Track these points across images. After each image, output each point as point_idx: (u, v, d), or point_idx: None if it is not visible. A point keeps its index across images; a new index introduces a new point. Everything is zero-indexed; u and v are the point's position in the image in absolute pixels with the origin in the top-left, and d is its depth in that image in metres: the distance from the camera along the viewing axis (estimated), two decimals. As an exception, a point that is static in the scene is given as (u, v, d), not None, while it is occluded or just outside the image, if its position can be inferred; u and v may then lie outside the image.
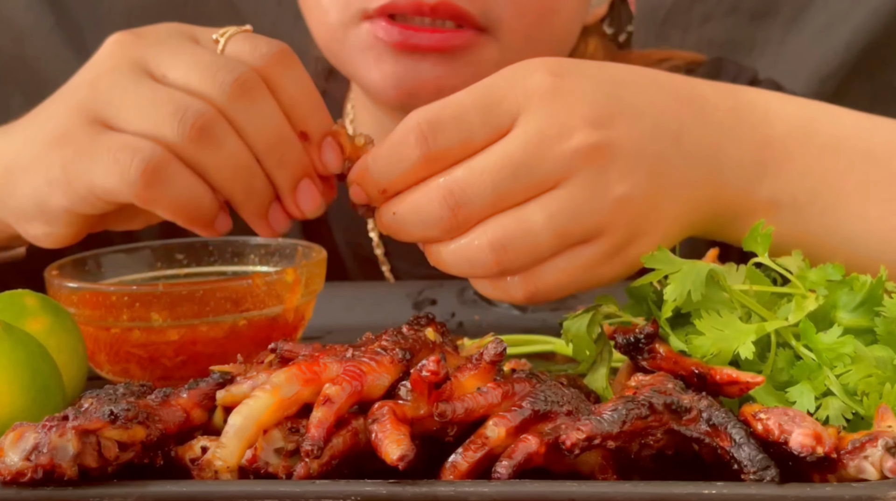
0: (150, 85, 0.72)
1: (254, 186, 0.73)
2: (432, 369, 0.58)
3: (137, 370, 0.80)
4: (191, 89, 0.71)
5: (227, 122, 0.71)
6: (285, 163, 0.73)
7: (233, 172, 0.72)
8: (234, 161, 0.72)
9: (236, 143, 0.72)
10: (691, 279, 0.68)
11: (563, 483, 0.55)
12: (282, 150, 0.73)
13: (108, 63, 0.74)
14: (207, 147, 0.71)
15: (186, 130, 0.70)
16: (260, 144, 0.72)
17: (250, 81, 0.72)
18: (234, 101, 0.71)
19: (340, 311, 0.96)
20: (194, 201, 0.72)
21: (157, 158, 0.70)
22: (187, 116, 0.70)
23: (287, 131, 0.73)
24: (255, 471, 0.58)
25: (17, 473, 0.55)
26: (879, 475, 0.55)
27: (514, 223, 0.70)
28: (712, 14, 1.67)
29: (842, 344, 0.64)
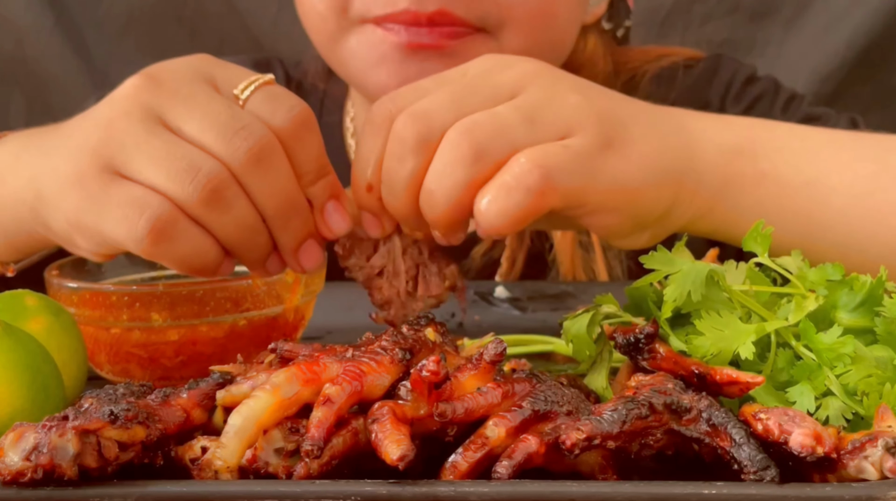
0: (164, 137, 0.71)
1: (257, 243, 0.74)
2: (432, 369, 0.58)
3: (137, 370, 0.80)
4: (205, 148, 0.71)
5: (238, 186, 0.71)
6: (291, 227, 0.74)
7: (239, 232, 0.72)
8: (241, 223, 0.72)
9: (245, 206, 0.72)
10: (691, 279, 0.68)
11: (563, 483, 0.55)
12: (289, 215, 0.74)
13: (124, 107, 0.73)
14: (216, 209, 0.71)
15: (198, 190, 0.70)
16: (269, 209, 0.73)
17: (266, 149, 0.71)
18: (248, 167, 0.71)
19: (340, 311, 0.96)
20: (200, 256, 0.72)
21: (164, 216, 0.70)
22: (200, 176, 0.70)
23: (295, 197, 0.74)
24: (255, 471, 0.58)
25: (17, 473, 0.55)
26: (879, 475, 0.55)
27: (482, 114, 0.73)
28: (712, 14, 1.67)
29: (842, 344, 0.64)
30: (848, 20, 1.62)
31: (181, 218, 0.71)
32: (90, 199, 0.72)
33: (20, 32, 1.68)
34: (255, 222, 0.73)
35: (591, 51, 1.17)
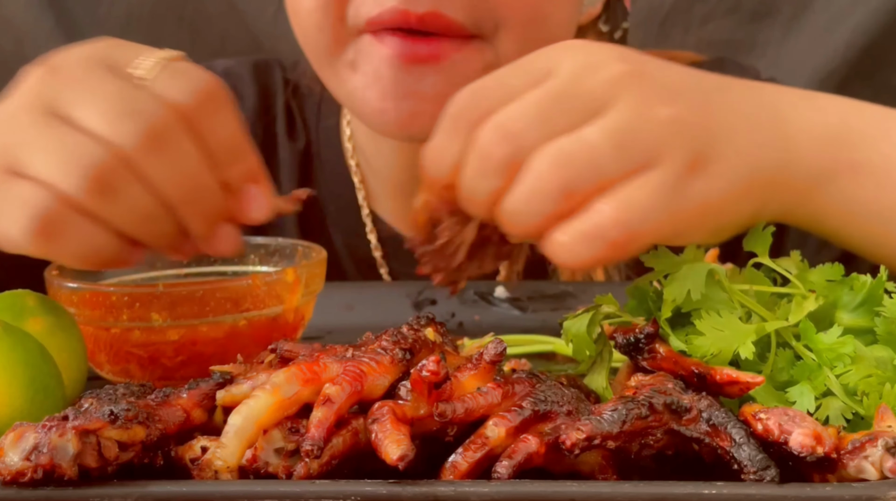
0: (56, 129, 0.68)
1: (159, 231, 0.70)
2: (432, 369, 0.58)
3: (137, 370, 0.80)
4: (95, 134, 0.67)
5: (129, 172, 0.67)
6: (198, 212, 0.70)
7: (135, 221, 0.68)
8: (136, 211, 0.68)
9: (138, 194, 0.67)
10: (691, 279, 0.68)
11: (563, 483, 0.55)
12: (194, 200, 0.69)
13: (25, 101, 0.70)
14: (106, 198, 0.67)
15: (83, 180, 0.66)
16: (169, 194, 0.68)
17: (160, 129, 0.67)
18: (141, 151, 0.66)
19: (340, 311, 0.96)
20: (95, 250, 0.68)
21: (49, 212, 0.66)
22: (84, 165, 0.66)
23: (200, 180, 0.69)
24: (255, 471, 0.58)
25: (17, 473, 0.55)
26: (879, 475, 0.55)
27: (571, 143, 0.68)
28: (712, 14, 1.67)
29: (842, 344, 0.64)
30: (848, 20, 1.62)
31: (68, 213, 0.67)
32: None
33: (20, 32, 1.68)
34: (153, 209, 0.68)
35: None
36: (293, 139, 1.21)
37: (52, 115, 0.69)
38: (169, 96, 0.68)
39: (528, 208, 0.68)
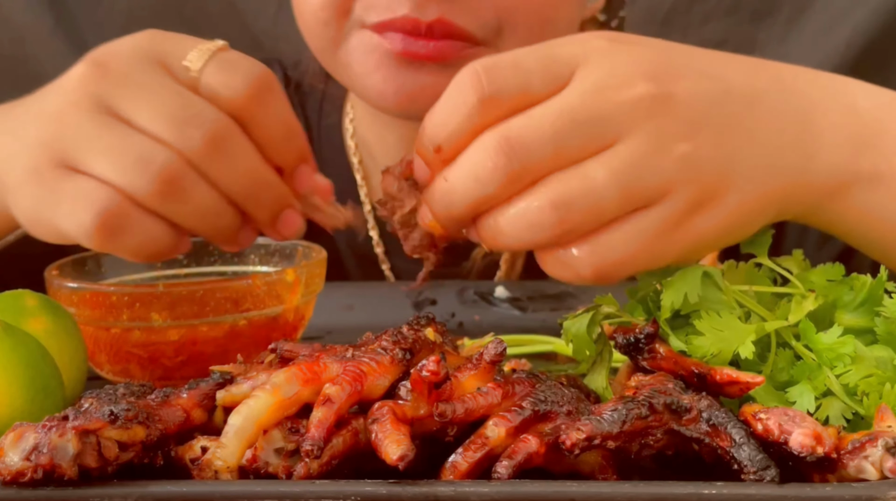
0: (115, 129, 0.69)
1: (222, 225, 0.72)
2: (432, 369, 0.58)
3: (137, 370, 0.80)
4: (158, 137, 0.69)
5: (195, 173, 0.69)
6: (263, 203, 0.72)
7: (201, 218, 0.70)
8: (202, 210, 0.70)
9: (205, 193, 0.70)
10: (688, 283, 0.68)
11: (563, 483, 0.55)
12: (258, 193, 0.71)
13: (73, 98, 0.71)
14: (174, 200, 0.69)
15: (152, 182, 0.68)
16: (234, 192, 0.71)
17: (221, 134, 0.69)
18: (205, 155, 0.69)
19: (340, 311, 0.96)
20: (154, 244, 0.70)
21: (113, 208, 0.68)
22: (153, 168, 0.68)
23: (262, 174, 0.71)
24: (255, 471, 0.58)
25: (17, 473, 0.55)
26: (879, 475, 0.55)
27: (576, 181, 0.66)
28: (712, 14, 1.67)
29: (842, 344, 0.64)
30: (848, 20, 1.62)
31: (132, 210, 0.69)
32: (46, 192, 0.70)
33: (20, 32, 1.68)
34: (218, 205, 0.70)
35: None
36: None
37: (107, 113, 0.70)
38: (220, 92, 0.70)
39: (516, 233, 0.67)
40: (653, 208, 0.67)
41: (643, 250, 0.67)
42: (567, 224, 0.66)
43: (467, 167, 0.67)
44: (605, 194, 0.66)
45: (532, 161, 0.66)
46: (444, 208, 0.69)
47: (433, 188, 0.69)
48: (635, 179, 0.66)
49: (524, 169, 0.66)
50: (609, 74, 0.67)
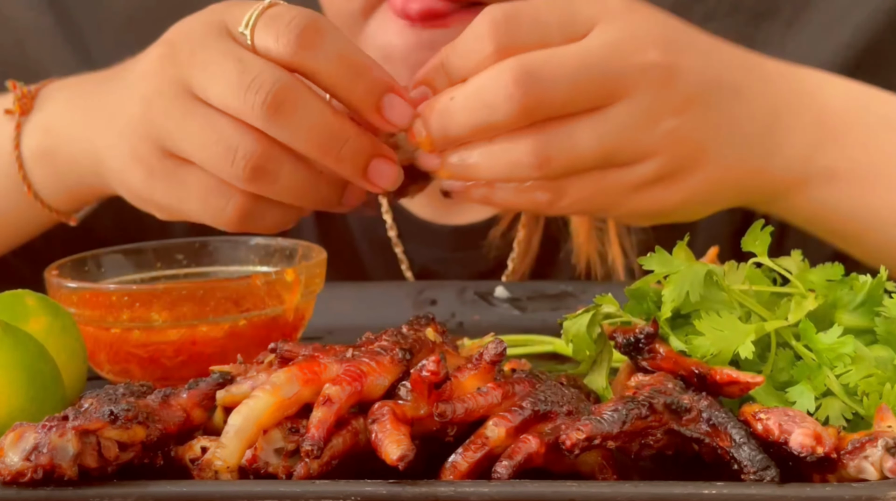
0: (199, 113, 0.72)
1: (321, 194, 0.74)
2: (432, 369, 0.58)
3: (137, 370, 0.80)
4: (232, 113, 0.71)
5: (277, 149, 0.71)
6: (345, 157, 0.71)
7: (298, 193, 0.73)
8: (296, 184, 0.72)
9: (292, 169, 0.72)
10: (689, 280, 0.68)
11: (563, 483, 0.55)
12: (335, 147, 0.71)
13: (155, 84, 0.74)
14: (266, 183, 0.72)
15: (241, 172, 0.71)
16: (312, 151, 0.71)
17: (281, 93, 0.69)
18: (272, 121, 0.70)
19: (340, 311, 0.96)
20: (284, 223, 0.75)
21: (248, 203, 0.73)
22: (238, 159, 0.71)
23: (334, 126, 0.71)
24: (255, 471, 0.58)
25: (17, 473, 0.55)
26: (879, 475, 0.55)
27: (562, 140, 0.69)
28: (712, 14, 1.67)
29: (842, 344, 0.64)
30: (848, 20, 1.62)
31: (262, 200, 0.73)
32: (160, 181, 0.74)
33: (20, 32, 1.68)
34: (308, 175, 0.72)
35: None
36: None
37: (188, 97, 0.72)
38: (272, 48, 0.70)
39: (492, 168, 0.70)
40: (630, 167, 0.71)
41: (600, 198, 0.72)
42: (544, 172, 0.69)
43: (480, 91, 0.68)
44: (586, 153, 0.69)
45: (547, 98, 0.68)
46: (442, 127, 0.70)
47: (436, 105, 0.70)
48: (618, 145, 0.70)
49: (537, 104, 0.68)
50: (627, 35, 0.70)
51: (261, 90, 0.69)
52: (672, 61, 0.71)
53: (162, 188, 0.75)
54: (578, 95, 0.68)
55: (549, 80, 0.67)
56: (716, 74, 0.73)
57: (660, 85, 0.70)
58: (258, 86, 0.69)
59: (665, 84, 0.70)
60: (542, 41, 0.69)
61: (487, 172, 0.71)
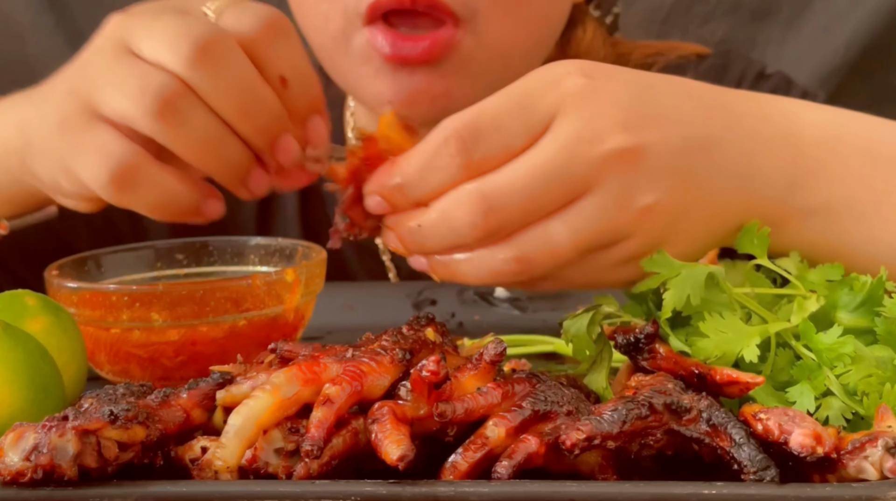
0: (126, 61, 0.71)
1: (229, 157, 0.72)
2: (432, 369, 0.58)
3: (137, 370, 0.80)
4: (158, 61, 0.70)
5: (193, 95, 0.70)
6: (258, 123, 0.71)
7: (203, 145, 0.70)
8: (203, 133, 0.70)
9: (203, 114, 0.70)
10: (690, 283, 0.68)
11: (563, 483, 0.55)
12: (253, 111, 0.71)
13: (98, 43, 0.74)
14: (173, 122, 0.69)
15: (152, 106, 0.69)
16: (229, 110, 0.70)
17: (212, 44, 0.69)
18: (196, 68, 0.69)
19: (340, 311, 0.96)
20: (171, 199, 0.71)
21: (126, 161, 0.69)
22: (150, 91, 0.69)
23: (259, 93, 0.71)
24: (255, 471, 0.58)
25: (17, 473, 0.55)
26: (879, 475, 0.55)
27: (539, 242, 0.70)
28: (712, 14, 1.67)
29: (842, 344, 0.64)
30: (848, 20, 1.62)
31: (143, 161, 0.70)
32: (73, 142, 0.72)
33: (20, 32, 1.68)
34: (218, 131, 0.71)
35: (589, 39, 1.16)
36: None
37: (123, 51, 0.72)
38: (234, 27, 0.71)
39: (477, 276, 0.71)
40: (608, 250, 0.72)
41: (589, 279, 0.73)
42: (527, 275, 0.71)
43: (444, 219, 0.70)
44: (564, 251, 0.70)
45: (507, 219, 0.69)
46: (416, 246, 0.72)
47: (404, 229, 0.71)
48: (594, 235, 0.70)
49: (499, 226, 0.69)
50: (583, 127, 0.70)
51: (192, 36, 0.69)
52: (636, 142, 0.70)
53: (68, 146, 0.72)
54: (542, 205, 0.69)
55: (509, 201, 0.69)
56: (682, 138, 0.73)
57: (626, 169, 0.70)
58: (192, 33, 0.69)
59: (632, 166, 0.70)
60: (506, 149, 0.69)
61: (473, 278, 0.72)
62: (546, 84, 0.71)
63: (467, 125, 0.69)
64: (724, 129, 0.75)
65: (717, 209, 0.74)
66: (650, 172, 0.71)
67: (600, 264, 0.72)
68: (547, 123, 0.70)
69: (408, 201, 0.71)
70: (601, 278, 0.73)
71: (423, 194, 0.70)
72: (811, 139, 0.77)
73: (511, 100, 0.70)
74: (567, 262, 0.71)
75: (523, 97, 0.71)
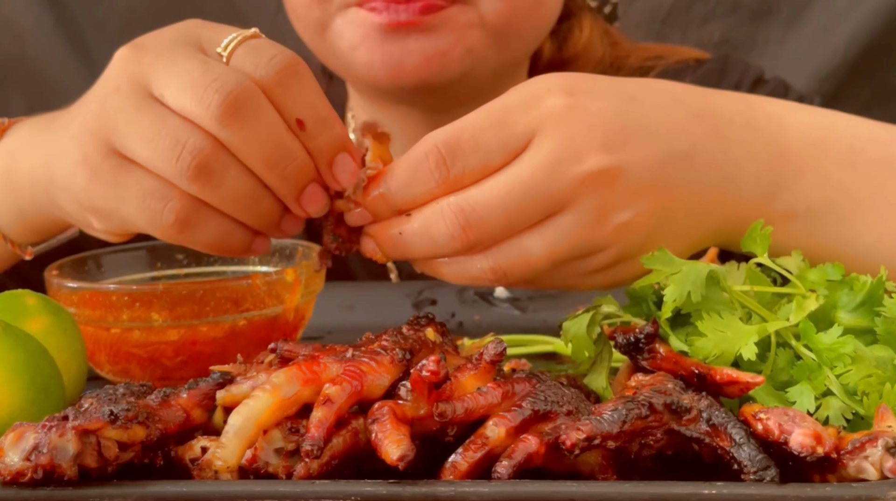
0: (151, 111, 0.71)
1: (262, 209, 0.72)
2: (432, 369, 0.58)
3: (137, 370, 0.80)
4: (185, 113, 0.70)
5: (225, 153, 0.70)
6: (287, 174, 0.71)
7: (240, 202, 0.71)
8: (239, 191, 0.71)
9: (237, 173, 0.70)
10: (691, 281, 0.68)
11: (563, 483, 0.55)
12: (281, 162, 0.71)
13: (115, 82, 0.73)
14: (210, 183, 0.70)
15: (186, 168, 0.69)
16: (258, 161, 0.70)
17: (241, 98, 0.69)
18: (225, 123, 0.69)
19: (340, 311, 0.96)
20: (225, 238, 0.72)
21: (186, 208, 0.70)
22: (185, 154, 0.69)
23: (285, 143, 0.71)
24: (255, 471, 0.58)
25: (17, 473, 0.55)
26: (879, 475, 0.55)
27: (514, 254, 0.72)
28: (712, 14, 1.67)
29: (842, 344, 0.64)
30: (848, 20, 1.62)
31: (203, 206, 0.71)
32: (102, 182, 0.72)
33: (20, 32, 1.68)
34: (253, 186, 0.71)
35: (587, 37, 1.17)
36: None
37: (143, 95, 0.71)
38: (250, 71, 0.70)
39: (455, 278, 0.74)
40: (582, 260, 0.74)
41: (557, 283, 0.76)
42: (503, 282, 0.75)
43: (424, 230, 0.72)
44: (539, 264, 0.73)
45: (485, 233, 0.71)
46: (397, 253, 0.74)
47: (386, 236, 0.73)
48: (568, 250, 0.73)
49: (478, 240, 0.71)
50: (561, 147, 0.71)
51: (221, 90, 0.69)
52: (614, 161, 0.72)
53: (103, 189, 0.72)
54: (519, 221, 0.71)
55: (487, 215, 0.71)
56: (664, 152, 0.74)
57: (604, 188, 0.71)
58: (219, 85, 0.69)
59: (609, 186, 0.72)
60: (484, 165, 0.71)
61: (451, 280, 0.75)
62: (526, 102, 0.72)
63: (447, 141, 0.71)
64: (708, 136, 0.76)
65: (696, 216, 0.75)
66: (628, 190, 0.72)
67: (575, 272, 0.75)
68: (526, 142, 0.71)
69: (390, 209, 0.73)
70: (576, 283, 0.76)
71: (405, 202, 0.72)
72: (796, 144, 0.78)
73: (490, 117, 0.72)
74: (542, 272, 0.73)
75: (503, 114, 0.72)
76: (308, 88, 0.72)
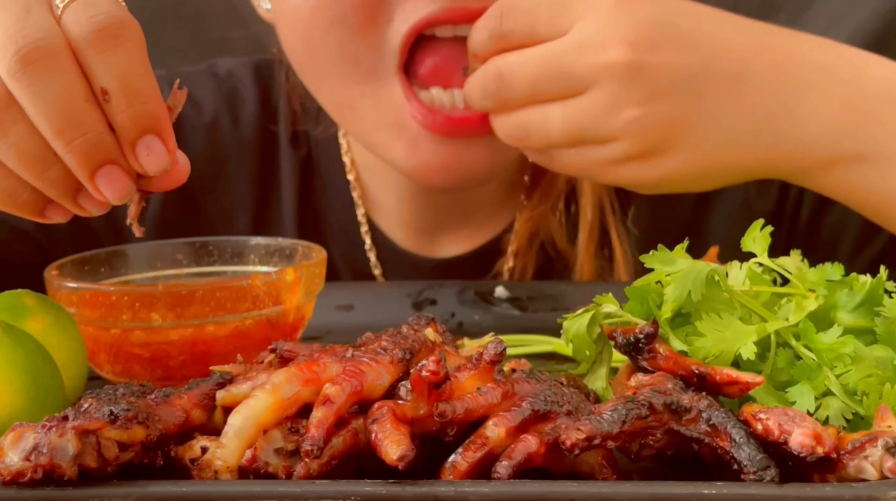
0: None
1: (52, 177, 0.65)
2: (432, 369, 0.58)
3: (138, 370, 0.80)
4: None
5: (16, 107, 0.63)
6: (75, 149, 0.63)
7: (25, 162, 0.65)
8: (22, 150, 0.64)
9: (24, 132, 0.64)
10: (691, 279, 0.68)
11: (563, 483, 0.55)
12: (69, 135, 0.63)
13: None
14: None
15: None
16: (44, 126, 0.63)
17: (36, 52, 0.62)
18: (15, 77, 0.62)
19: (340, 311, 0.96)
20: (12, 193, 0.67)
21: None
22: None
23: (77, 113, 0.63)
24: (255, 471, 0.58)
25: (17, 473, 0.55)
26: (879, 475, 0.55)
27: (536, 116, 0.84)
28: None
29: (842, 344, 0.64)
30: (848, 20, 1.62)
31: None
32: None
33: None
34: (41, 149, 0.64)
35: None
36: (296, 147, 1.16)
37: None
38: (68, 28, 0.64)
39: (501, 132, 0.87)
40: (602, 146, 0.83)
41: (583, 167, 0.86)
42: (524, 143, 0.87)
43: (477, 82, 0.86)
44: (555, 131, 0.83)
45: (514, 94, 0.84)
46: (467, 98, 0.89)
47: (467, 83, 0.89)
48: (583, 127, 0.82)
49: (509, 97, 0.84)
50: (594, 34, 0.80)
51: (19, 41, 0.62)
52: (635, 59, 0.79)
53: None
54: (543, 92, 0.82)
55: (517, 82, 0.83)
56: (702, 63, 0.80)
57: (621, 80, 0.80)
58: (20, 37, 0.63)
59: (627, 80, 0.80)
60: (530, 31, 0.82)
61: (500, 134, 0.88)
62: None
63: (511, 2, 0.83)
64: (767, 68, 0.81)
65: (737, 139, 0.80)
66: (644, 89, 0.80)
67: (594, 159, 0.83)
68: (569, 26, 0.81)
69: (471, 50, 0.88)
70: (594, 172, 0.85)
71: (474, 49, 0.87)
72: (872, 92, 0.82)
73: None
74: (560, 143, 0.83)
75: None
76: (127, 55, 0.64)
